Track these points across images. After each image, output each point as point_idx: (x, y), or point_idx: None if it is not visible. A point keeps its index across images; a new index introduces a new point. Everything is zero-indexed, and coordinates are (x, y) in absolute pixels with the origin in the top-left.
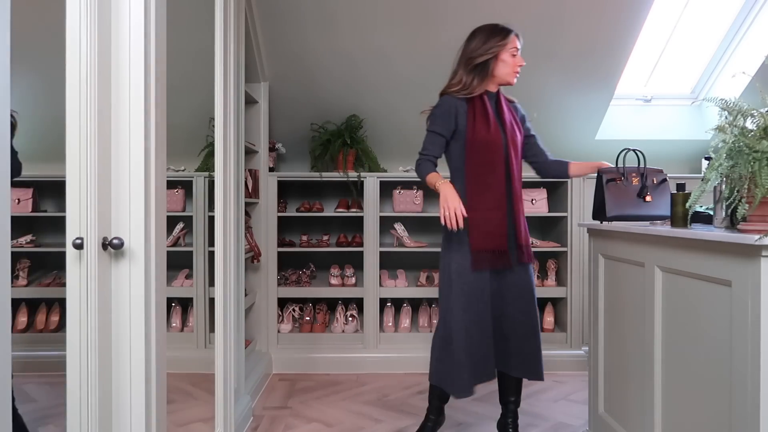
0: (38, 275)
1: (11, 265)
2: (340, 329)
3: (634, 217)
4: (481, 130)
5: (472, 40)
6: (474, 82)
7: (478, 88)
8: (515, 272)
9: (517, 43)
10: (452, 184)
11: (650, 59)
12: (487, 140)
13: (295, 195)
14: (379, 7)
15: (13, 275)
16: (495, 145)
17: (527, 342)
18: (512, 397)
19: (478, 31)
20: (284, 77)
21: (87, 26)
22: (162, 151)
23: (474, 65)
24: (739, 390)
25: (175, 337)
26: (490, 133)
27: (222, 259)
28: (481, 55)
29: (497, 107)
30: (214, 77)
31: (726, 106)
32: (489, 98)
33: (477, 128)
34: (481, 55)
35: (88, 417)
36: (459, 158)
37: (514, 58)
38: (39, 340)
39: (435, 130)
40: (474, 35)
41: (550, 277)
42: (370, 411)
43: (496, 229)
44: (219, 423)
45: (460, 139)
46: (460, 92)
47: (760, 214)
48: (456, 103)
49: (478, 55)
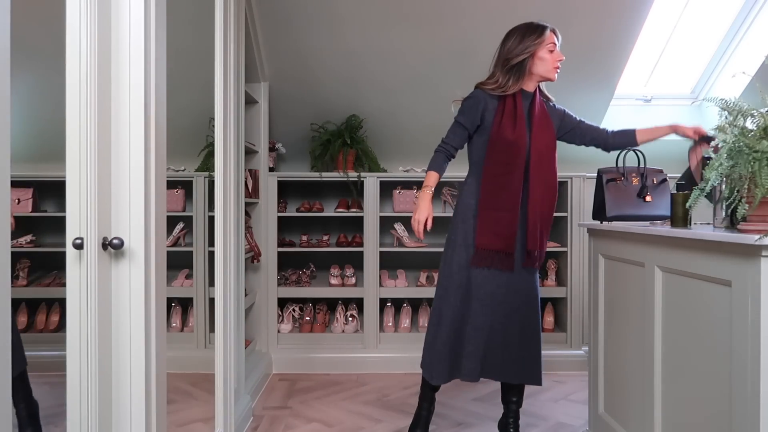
0: (38, 275)
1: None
2: (340, 329)
3: (634, 217)
4: (506, 129)
5: (508, 40)
6: (510, 81)
7: (513, 87)
8: (521, 277)
9: (554, 39)
10: (469, 178)
11: (650, 59)
12: (510, 140)
13: (295, 195)
14: (379, 7)
15: (13, 275)
16: (517, 146)
17: (527, 348)
18: (514, 397)
19: (513, 31)
20: (284, 77)
21: (87, 26)
22: (162, 151)
23: (511, 65)
24: (739, 390)
25: (175, 337)
26: (514, 133)
27: (222, 259)
28: (518, 54)
29: (530, 108)
30: (214, 77)
31: (726, 106)
32: (524, 98)
33: (502, 127)
34: (518, 55)
35: (88, 417)
36: (480, 153)
37: (552, 54)
38: (39, 340)
39: (460, 121)
40: (509, 35)
41: (550, 277)
42: (370, 411)
43: (504, 230)
44: (219, 423)
45: (484, 134)
46: (495, 90)
47: (760, 214)
48: (486, 98)
49: (514, 56)
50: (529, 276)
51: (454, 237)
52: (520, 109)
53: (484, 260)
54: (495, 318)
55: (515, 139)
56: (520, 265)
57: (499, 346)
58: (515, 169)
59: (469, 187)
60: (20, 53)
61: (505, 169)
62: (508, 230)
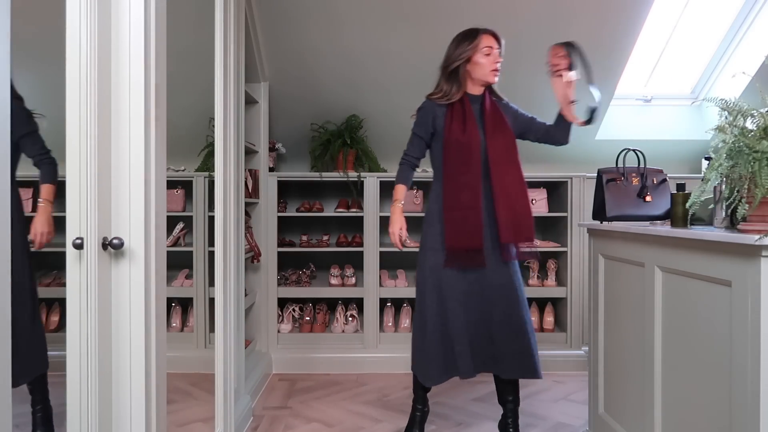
0: (38, 275)
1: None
2: (340, 329)
3: (634, 217)
4: (456, 132)
5: (448, 49)
6: (453, 89)
7: (457, 94)
8: (497, 272)
9: (490, 42)
10: (434, 184)
11: (650, 59)
12: (462, 141)
13: (295, 195)
14: (379, 6)
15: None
16: (469, 146)
17: (515, 342)
18: (509, 396)
19: (453, 39)
20: (284, 77)
21: (87, 26)
22: (162, 151)
23: (449, 73)
24: (739, 390)
25: (175, 337)
26: (465, 135)
27: (222, 259)
28: (454, 61)
29: (482, 109)
30: (214, 77)
31: (726, 106)
32: (473, 101)
33: (452, 130)
34: (454, 62)
35: (88, 417)
36: (438, 158)
37: (488, 57)
38: None
39: (415, 132)
40: (450, 44)
41: (550, 277)
42: (370, 411)
43: (470, 228)
44: (219, 423)
45: (439, 140)
46: (440, 99)
47: (760, 214)
48: (435, 107)
49: (451, 63)
50: (505, 270)
51: (424, 242)
52: (469, 111)
53: (455, 260)
54: (473, 315)
55: (467, 140)
56: (497, 260)
57: (486, 342)
58: (472, 169)
59: (433, 193)
60: (20, 53)
61: (461, 169)
62: (473, 228)
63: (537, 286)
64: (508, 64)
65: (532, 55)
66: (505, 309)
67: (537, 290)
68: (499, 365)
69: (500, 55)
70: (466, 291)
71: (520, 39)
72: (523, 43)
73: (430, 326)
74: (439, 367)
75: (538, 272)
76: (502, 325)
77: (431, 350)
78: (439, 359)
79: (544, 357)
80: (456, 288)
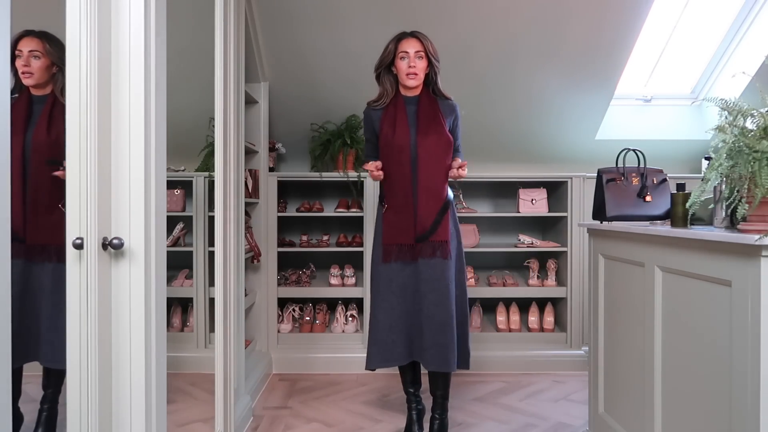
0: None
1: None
2: (340, 329)
3: (634, 217)
4: (388, 134)
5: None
6: (384, 93)
7: (389, 98)
8: (431, 267)
9: (407, 46)
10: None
11: (650, 59)
12: (393, 143)
13: (295, 195)
14: (379, 6)
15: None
16: (399, 146)
17: (438, 335)
18: (438, 390)
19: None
20: (284, 77)
21: (87, 26)
22: (162, 151)
23: (377, 77)
24: (739, 390)
25: (175, 337)
26: (395, 136)
27: (222, 259)
28: (378, 67)
29: (417, 110)
30: (214, 77)
31: (726, 106)
32: (408, 102)
33: (384, 132)
34: (378, 68)
35: (89, 417)
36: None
37: (402, 61)
38: None
39: (366, 137)
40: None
41: (550, 277)
42: (370, 411)
43: (402, 224)
44: (219, 423)
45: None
46: (377, 104)
47: (760, 214)
48: (371, 113)
49: (377, 68)
50: (439, 265)
51: (374, 239)
52: (401, 113)
53: (389, 255)
54: (409, 306)
55: (397, 140)
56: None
57: (417, 333)
58: (402, 168)
59: (380, 192)
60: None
61: (394, 169)
62: (405, 224)
63: (537, 286)
64: (508, 64)
65: (531, 55)
66: (434, 302)
67: (537, 290)
68: (423, 356)
69: (420, 58)
70: (404, 284)
71: (520, 39)
72: (523, 43)
73: (373, 320)
74: (376, 357)
75: (538, 272)
76: (429, 318)
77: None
78: (376, 350)
79: (544, 357)
80: (396, 281)
